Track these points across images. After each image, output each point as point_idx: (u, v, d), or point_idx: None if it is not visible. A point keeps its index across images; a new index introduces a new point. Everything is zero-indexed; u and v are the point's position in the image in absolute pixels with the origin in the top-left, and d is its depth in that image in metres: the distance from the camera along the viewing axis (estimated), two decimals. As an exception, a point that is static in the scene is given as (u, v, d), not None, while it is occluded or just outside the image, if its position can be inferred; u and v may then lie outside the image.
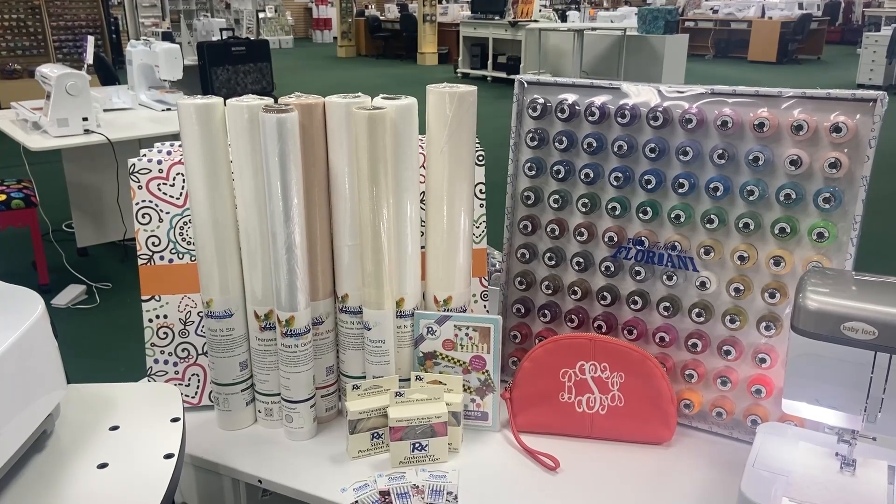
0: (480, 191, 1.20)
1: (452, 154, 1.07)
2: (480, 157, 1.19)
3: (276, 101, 1.04)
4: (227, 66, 7.05)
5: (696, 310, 1.11)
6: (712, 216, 1.08)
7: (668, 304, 1.13)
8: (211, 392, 1.18)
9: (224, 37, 7.45)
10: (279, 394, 1.14)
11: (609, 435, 1.12)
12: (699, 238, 1.11)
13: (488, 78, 12.20)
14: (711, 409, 1.13)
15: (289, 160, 1.01)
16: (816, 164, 1.02)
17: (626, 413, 1.11)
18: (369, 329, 1.10)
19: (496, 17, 12.42)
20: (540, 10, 12.63)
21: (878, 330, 0.79)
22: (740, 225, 1.07)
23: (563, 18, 13.20)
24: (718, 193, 1.07)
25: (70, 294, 3.67)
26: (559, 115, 1.16)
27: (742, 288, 1.07)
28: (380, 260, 1.07)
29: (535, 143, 1.18)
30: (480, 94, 1.08)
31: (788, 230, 1.04)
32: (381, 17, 17.65)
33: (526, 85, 1.20)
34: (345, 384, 1.16)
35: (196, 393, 1.20)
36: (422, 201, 1.13)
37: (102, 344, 3.31)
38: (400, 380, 1.12)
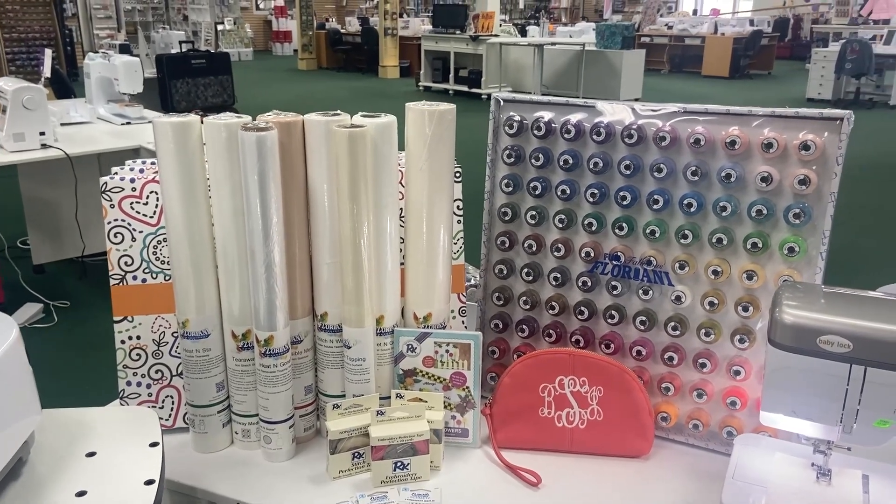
0: (458, 207, 1.20)
1: (432, 171, 1.08)
2: (457, 174, 1.19)
3: (253, 119, 1.04)
4: (186, 79, 6.98)
5: (672, 323, 1.13)
6: (686, 231, 1.10)
7: (644, 318, 1.15)
8: (186, 414, 1.16)
9: (184, 49, 7.36)
10: (257, 414, 1.12)
11: (589, 449, 1.13)
12: (674, 253, 1.13)
13: (450, 91, 12.27)
14: (688, 421, 1.14)
15: (268, 178, 1.00)
16: (786, 180, 1.05)
17: (605, 427, 1.12)
18: (349, 347, 1.09)
19: (457, 32, 12.51)
20: (500, 25, 12.77)
21: (853, 343, 0.81)
22: (713, 240, 1.09)
23: (523, 33, 13.38)
24: (692, 209, 1.10)
25: (26, 313, 3.57)
26: (535, 132, 1.17)
27: (716, 302, 1.10)
28: (360, 277, 1.06)
29: (512, 159, 1.19)
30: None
31: (760, 245, 1.06)
32: (342, 31, 17.64)
33: (502, 102, 1.21)
34: (324, 403, 1.15)
35: (170, 415, 1.18)
36: (400, 218, 1.13)
37: (63, 364, 3.22)
38: (380, 398, 1.12)
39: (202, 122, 1.04)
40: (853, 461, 0.95)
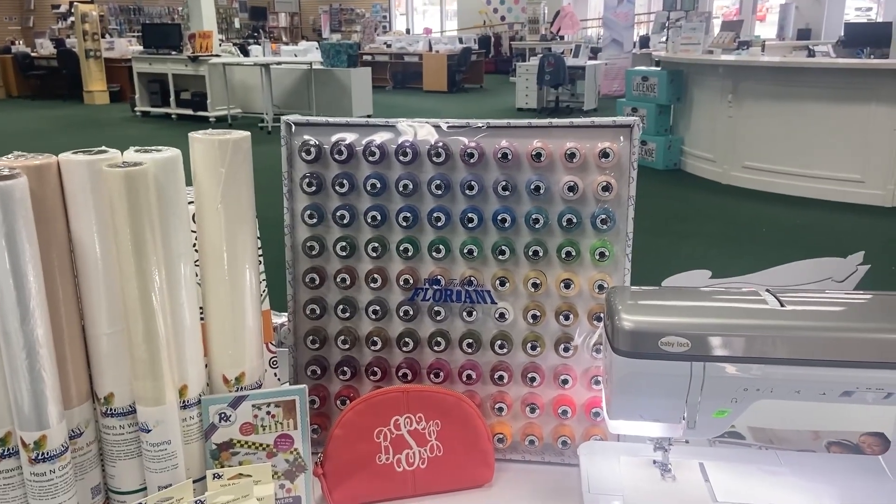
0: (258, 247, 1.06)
1: (230, 208, 0.93)
2: (251, 209, 1.05)
3: (-13, 163, 0.81)
4: None
5: (499, 342, 1.10)
6: (503, 247, 1.08)
7: (470, 341, 1.11)
8: (-79, 558, 0.87)
9: None
10: (30, 537, 0.87)
11: (432, 489, 1.06)
12: (492, 270, 1.11)
13: (173, 116, 11.46)
14: (523, 437, 1.12)
15: (20, 239, 0.78)
16: (590, 188, 1.08)
17: (446, 462, 1.05)
18: (148, 431, 0.90)
19: (173, 52, 11.75)
20: (220, 45, 12.25)
21: (691, 341, 0.84)
22: (529, 253, 1.08)
23: (245, 53, 12.98)
24: (506, 225, 1.08)
25: None
26: (336, 157, 1.07)
27: (538, 314, 1.09)
28: (155, 345, 0.88)
29: (313, 188, 1.08)
30: (165, 134, 0.96)
31: (574, 253, 1.08)
32: (34, 54, 15.69)
33: (294, 127, 1.09)
34: None
35: None
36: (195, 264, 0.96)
37: None
38: (193, 482, 0.94)
39: None
40: (687, 451, 1.00)
